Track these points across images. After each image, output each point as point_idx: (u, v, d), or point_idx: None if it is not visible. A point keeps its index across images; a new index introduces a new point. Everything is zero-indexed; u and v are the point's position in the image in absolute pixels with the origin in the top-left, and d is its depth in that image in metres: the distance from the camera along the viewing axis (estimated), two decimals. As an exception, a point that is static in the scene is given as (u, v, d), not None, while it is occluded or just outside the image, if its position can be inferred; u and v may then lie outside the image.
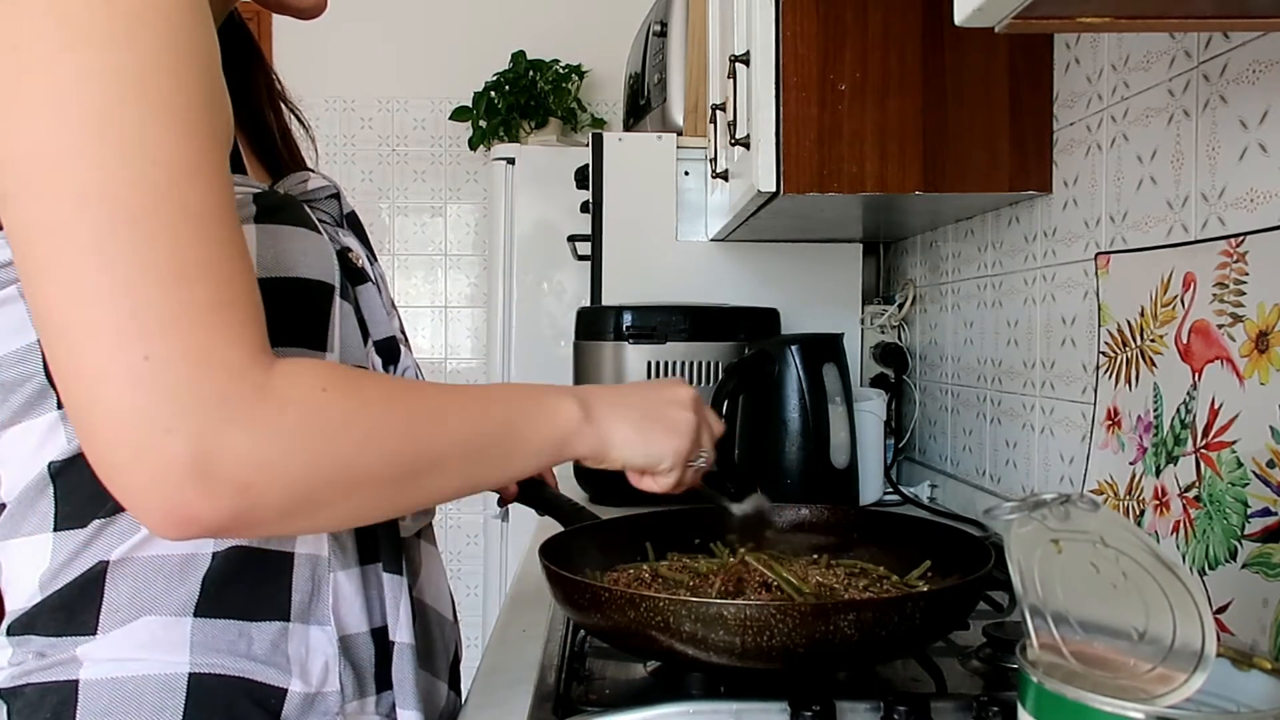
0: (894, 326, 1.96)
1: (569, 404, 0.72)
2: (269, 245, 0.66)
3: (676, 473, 0.80)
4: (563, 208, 2.23)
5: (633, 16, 2.50)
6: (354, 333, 0.73)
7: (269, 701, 0.64)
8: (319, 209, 0.76)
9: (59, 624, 0.63)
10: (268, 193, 0.69)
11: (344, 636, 0.68)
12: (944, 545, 1.00)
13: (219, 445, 0.52)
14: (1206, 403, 0.90)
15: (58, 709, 0.61)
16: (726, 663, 0.77)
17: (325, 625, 0.68)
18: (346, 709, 0.67)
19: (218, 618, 0.64)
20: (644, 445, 0.76)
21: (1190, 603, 0.52)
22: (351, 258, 0.75)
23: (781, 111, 1.26)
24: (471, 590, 3.12)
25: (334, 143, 3.16)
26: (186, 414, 0.51)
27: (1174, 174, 0.99)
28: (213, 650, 0.64)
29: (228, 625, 0.65)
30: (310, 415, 0.56)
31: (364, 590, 0.70)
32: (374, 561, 0.71)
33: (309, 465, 0.55)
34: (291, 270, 0.67)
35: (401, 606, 0.71)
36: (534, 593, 1.13)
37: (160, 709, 0.62)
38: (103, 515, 0.63)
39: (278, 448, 0.54)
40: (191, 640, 0.64)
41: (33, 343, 0.61)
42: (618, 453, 0.75)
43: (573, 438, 0.71)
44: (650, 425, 0.77)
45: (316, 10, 0.77)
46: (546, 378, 2.21)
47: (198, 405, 0.52)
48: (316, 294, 0.69)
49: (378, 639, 0.70)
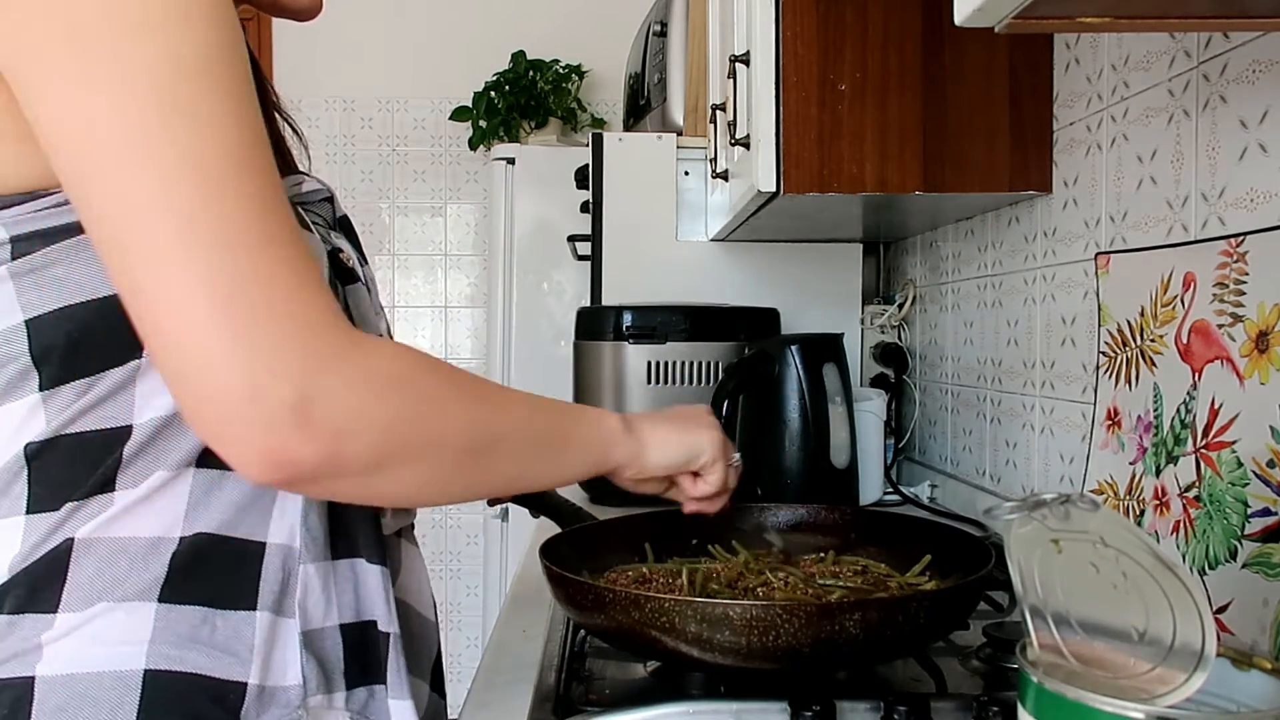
0: (894, 326, 1.96)
1: (610, 417, 0.81)
2: None
3: (720, 468, 0.87)
4: (563, 208, 2.23)
5: (633, 16, 2.50)
6: None
7: (227, 698, 0.64)
8: (312, 211, 0.77)
9: (22, 601, 0.62)
10: None
11: (308, 630, 0.68)
12: (944, 545, 1.00)
13: (319, 390, 0.56)
14: (1206, 403, 0.90)
15: (14, 706, 0.60)
16: (730, 663, 0.77)
17: (290, 617, 0.67)
18: (310, 703, 0.67)
19: (183, 603, 0.64)
20: (680, 439, 0.85)
21: (1190, 603, 0.52)
22: (343, 258, 0.76)
23: (781, 111, 1.26)
24: (471, 590, 3.12)
25: (334, 143, 3.16)
26: (290, 361, 0.55)
27: (1174, 174, 0.99)
28: (175, 638, 0.63)
29: (193, 611, 0.64)
30: (396, 370, 0.61)
31: (334, 584, 0.70)
32: (349, 556, 0.71)
33: (394, 416, 0.60)
34: None
35: (391, 599, 0.71)
36: (534, 593, 1.13)
37: (115, 707, 0.61)
38: (76, 498, 0.62)
39: (370, 395, 0.58)
40: (155, 626, 0.63)
41: (18, 324, 0.61)
42: (656, 454, 0.83)
43: (614, 446, 0.79)
44: (683, 423, 0.86)
45: (312, 12, 0.78)
46: (546, 377, 2.21)
47: (300, 354, 0.56)
48: None
49: (347, 634, 0.70)
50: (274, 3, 0.76)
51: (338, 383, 0.57)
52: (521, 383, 2.28)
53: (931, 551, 1.01)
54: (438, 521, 3.17)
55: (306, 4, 0.76)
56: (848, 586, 0.97)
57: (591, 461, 0.77)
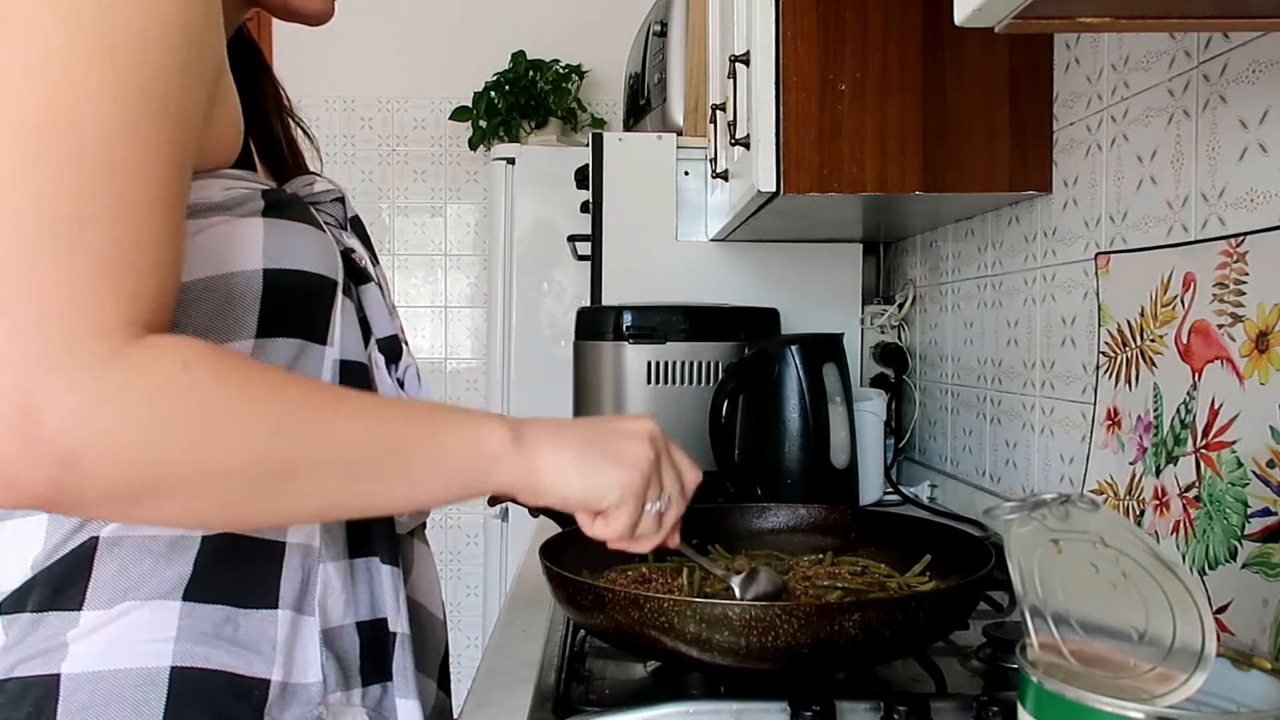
0: (894, 326, 1.96)
1: (495, 427, 0.64)
2: (275, 238, 0.66)
3: (627, 512, 0.69)
4: (563, 208, 2.23)
5: (633, 16, 2.50)
6: (355, 328, 0.74)
7: (252, 695, 0.64)
8: (323, 211, 0.77)
9: (46, 599, 0.62)
10: (276, 190, 0.70)
11: (328, 629, 0.68)
12: (944, 545, 1.00)
13: (46, 400, 0.48)
14: (1206, 403, 0.90)
15: (39, 703, 0.60)
16: (729, 663, 0.77)
17: (310, 615, 0.67)
18: (330, 699, 0.67)
19: (207, 602, 0.64)
20: (581, 475, 0.67)
21: (1190, 603, 0.52)
22: (355, 258, 0.77)
23: (781, 111, 1.26)
24: (471, 590, 3.12)
25: (334, 143, 3.16)
26: (23, 355, 0.48)
27: (1174, 174, 0.99)
28: (199, 635, 0.63)
29: (216, 610, 0.64)
30: (163, 389, 0.52)
31: (352, 583, 0.70)
32: (366, 555, 0.71)
33: (149, 443, 0.51)
34: (297, 263, 0.67)
35: (401, 599, 0.72)
36: (534, 593, 1.13)
37: (141, 704, 0.61)
38: None
39: (113, 417, 0.50)
40: (179, 624, 0.63)
41: None
42: (550, 482, 0.66)
43: (495, 464, 0.63)
44: (591, 452, 0.68)
45: (324, 17, 0.77)
46: (546, 378, 2.21)
47: (37, 349, 0.48)
48: (319, 287, 0.69)
49: (363, 632, 0.70)
50: (285, 7, 0.75)
51: (72, 396, 0.49)
52: (521, 383, 2.28)
53: (931, 551, 1.01)
54: (438, 521, 3.16)
55: (318, 9, 0.76)
56: (847, 587, 0.97)
57: (462, 484, 0.63)
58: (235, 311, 0.64)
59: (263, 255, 0.65)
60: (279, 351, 0.67)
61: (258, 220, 0.66)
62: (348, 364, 0.72)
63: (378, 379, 0.75)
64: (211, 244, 0.64)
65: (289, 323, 0.67)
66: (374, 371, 0.75)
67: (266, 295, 0.65)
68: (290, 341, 0.67)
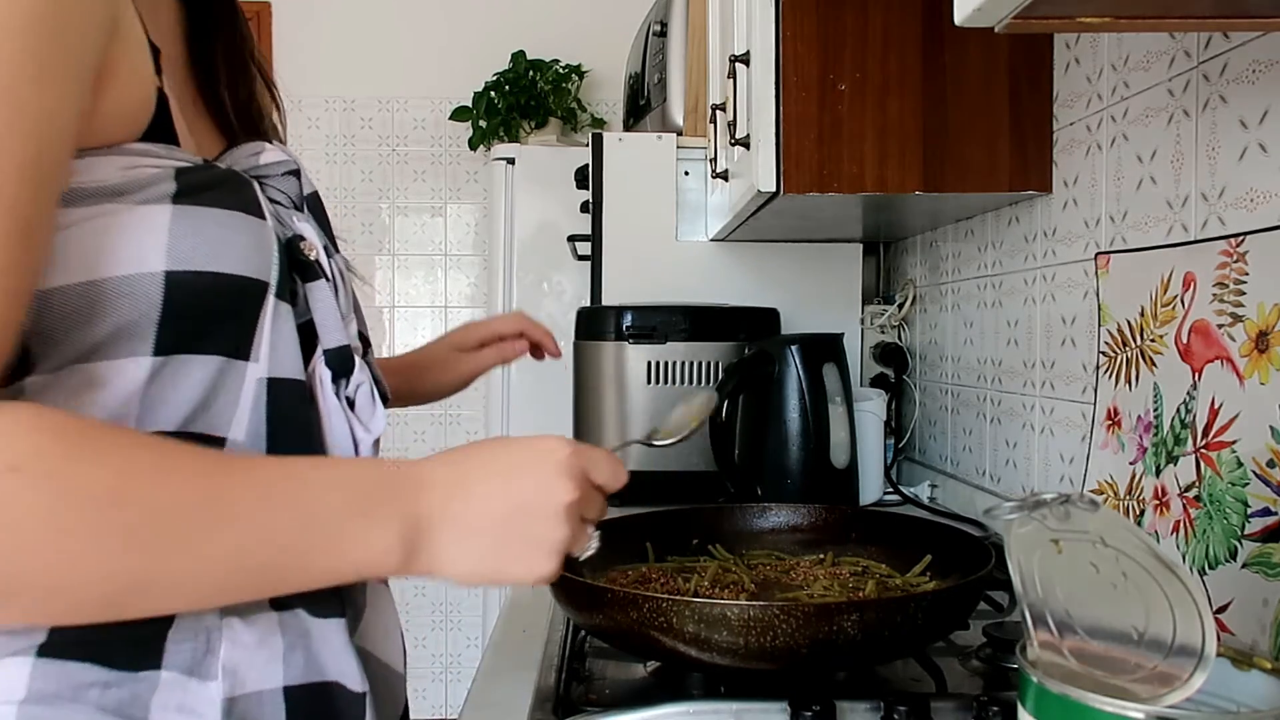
0: (894, 326, 1.96)
1: (387, 536, 0.56)
2: (186, 232, 0.55)
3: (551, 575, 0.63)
4: (563, 208, 2.23)
5: (633, 16, 2.50)
6: (290, 341, 0.62)
7: None
8: (272, 187, 0.65)
9: None
10: (197, 168, 0.58)
11: (237, 696, 0.56)
12: (944, 545, 1.00)
13: None
14: (1206, 403, 0.90)
15: None
16: (729, 663, 0.77)
17: (211, 680, 0.56)
18: None
19: (69, 659, 0.53)
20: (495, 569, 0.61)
21: (1190, 603, 0.52)
22: (304, 248, 0.65)
23: (781, 111, 1.26)
24: (471, 590, 3.12)
25: (334, 143, 3.16)
26: None
27: (1174, 174, 0.99)
28: (51, 698, 0.52)
29: (81, 669, 0.53)
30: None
31: (281, 639, 0.59)
32: (294, 607, 0.60)
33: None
34: (211, 263, 0.56)
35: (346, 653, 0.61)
36: (534, 593, 1.13)
37: None
38: None
39: None
40: (30, 686, 0.52)
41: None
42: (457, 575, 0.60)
43: (382, 571, 0.58)
44: (507, 544, 0.61)
45: None
46: (546, 378, 2.21)
47: None
48: (243, 293, 0.58)
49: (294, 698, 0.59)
50: None
51: None
52: (521, 383, 2.28)
53: (931, 551, 1.01)
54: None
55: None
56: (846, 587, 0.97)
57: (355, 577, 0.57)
58: (126, 326, 0.54)
59: (166, 254, 0.54)
60: (188, 373, 0.56)
61: (164, 208, 0.55)
62: (279, 383, 0.61)
63: (320, 399, 0.64)
64: (96, 240, 0.53)
65: (200, 337, 0.56)
66: (316, 389, 0.64)
67: (169, 304, 0.54)
68: (203, 359, 0.57)
